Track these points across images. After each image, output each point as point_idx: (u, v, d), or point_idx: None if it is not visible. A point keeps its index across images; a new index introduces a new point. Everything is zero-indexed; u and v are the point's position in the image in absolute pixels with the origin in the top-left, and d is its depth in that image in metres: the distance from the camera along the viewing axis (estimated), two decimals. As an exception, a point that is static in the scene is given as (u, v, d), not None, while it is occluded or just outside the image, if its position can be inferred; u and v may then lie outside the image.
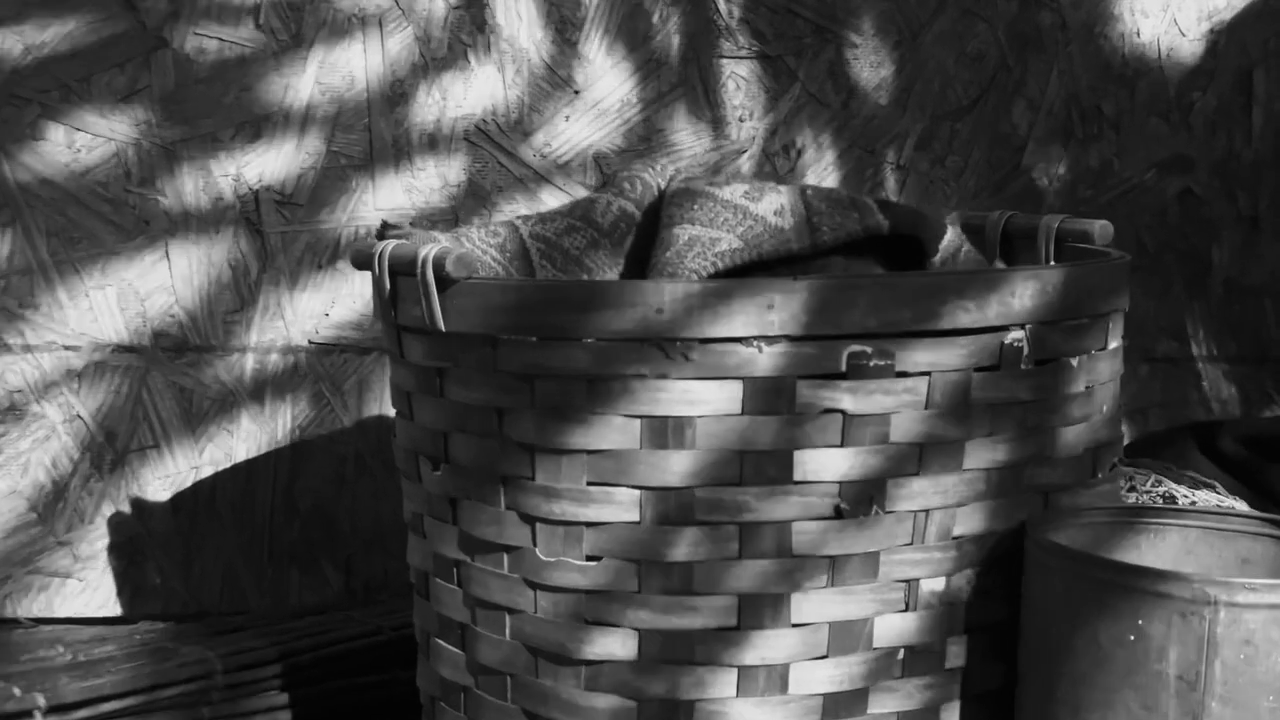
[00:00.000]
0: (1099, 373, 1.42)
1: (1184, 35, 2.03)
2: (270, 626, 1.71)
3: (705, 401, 1.28)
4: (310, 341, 1.88)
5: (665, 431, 1.29)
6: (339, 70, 1.85)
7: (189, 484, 1.87)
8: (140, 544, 1.87)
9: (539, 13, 1.88)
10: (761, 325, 1.27)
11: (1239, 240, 2.08)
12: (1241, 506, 1.72)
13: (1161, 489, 1.66)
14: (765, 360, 1.28)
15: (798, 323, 1.28)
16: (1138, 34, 2.02)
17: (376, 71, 1.86)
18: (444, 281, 1.34)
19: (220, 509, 1.89)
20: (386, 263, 1.39)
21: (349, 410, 1.90)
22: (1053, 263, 1.57)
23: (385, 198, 1.87)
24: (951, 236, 1.48)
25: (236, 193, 1.84)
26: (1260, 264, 2.08)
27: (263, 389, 1.88)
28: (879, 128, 1.99)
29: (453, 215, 1.90)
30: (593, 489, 1.31)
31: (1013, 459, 1.36)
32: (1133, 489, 1.68)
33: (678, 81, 1.92)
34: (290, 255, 1.86)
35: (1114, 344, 1.44)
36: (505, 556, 1.36)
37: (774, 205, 1.47)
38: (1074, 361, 1.38)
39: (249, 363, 1.87)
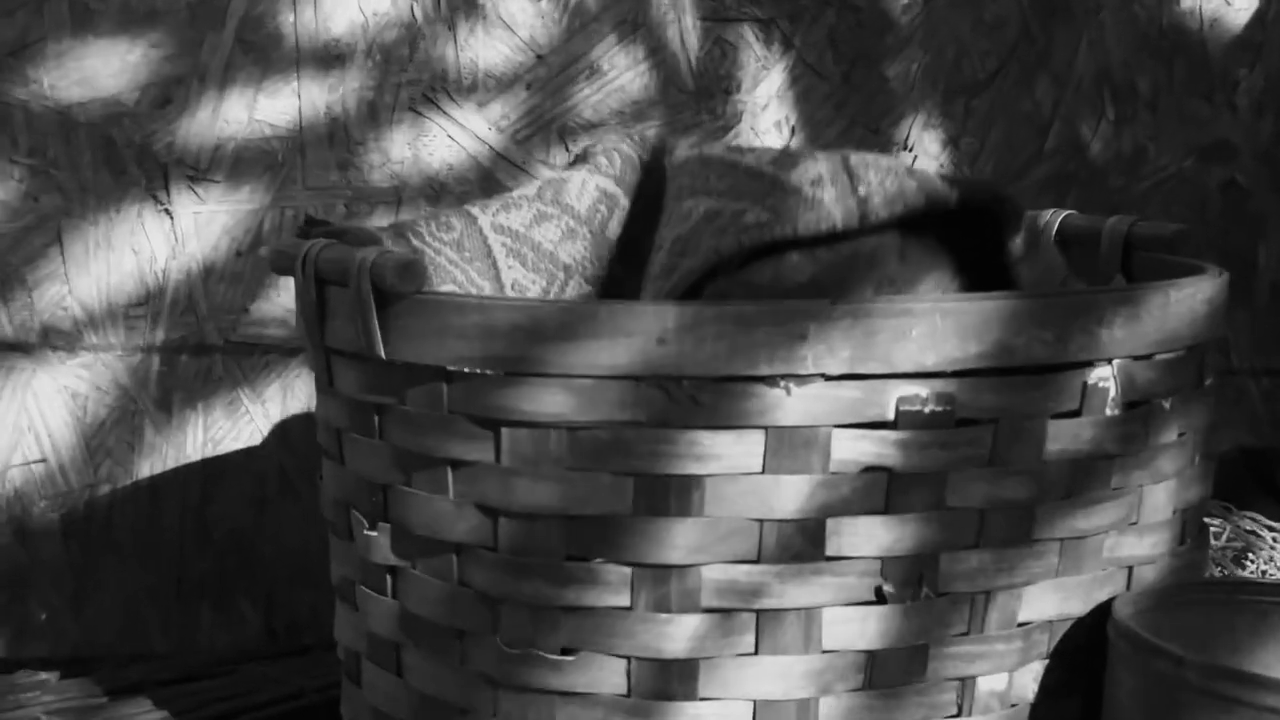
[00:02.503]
0: (1193, 416, 1.16)
1: (1229, 4, 1.86)
2: (172, 687, 1.43)
3: (717, 456, 1.03)
4: (227, 340, 1.69)
5: (666, 494, 1.04)
6: (264, 26, 1.67)
7: (83, 506, 1.68)
8: (25, 575, 1.69)
9: (497, -37, 1.71)
10: (791, 361, 1.02)
11: (1287, 238, 1.92)
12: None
13: (1236, 544, 1.38)
14: (794, 405, 1.03)
15: (836, 358, 1.03)
16: (1177, 1, 1.84)
17: (308, 28, 1.68)
18: (386, 296, 1.06)
19: (119, 536, 1.70)
20: (313, 269, 1.11)
21: (271, 420, 1.70)
22: (1120, 275, 1.31)
23: (316, 175, 1.69)
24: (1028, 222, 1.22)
25: (142, 166, 1.67)
26: (1311, 265, 1.93)
27: (170, 395, 1.69)
28: (884, 104, 1.81)
29: (395, 197, 1.70)
30: (571, 565, 1.05)
31: (1093, 526, 1.11)
32: (1202, 542, 1.40)
33: (656, 47, 1.74)
34: (204, 240, 1.68)
35: (1209, 380, 1.19)
36: (458, 644, 1.09)
37: (810, 174, 1.22)
38: (1166, 404, 1.13)
39: (154, 364, 1.68)
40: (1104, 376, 1.09)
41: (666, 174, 1.31)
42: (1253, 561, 1.41)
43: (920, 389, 1.04)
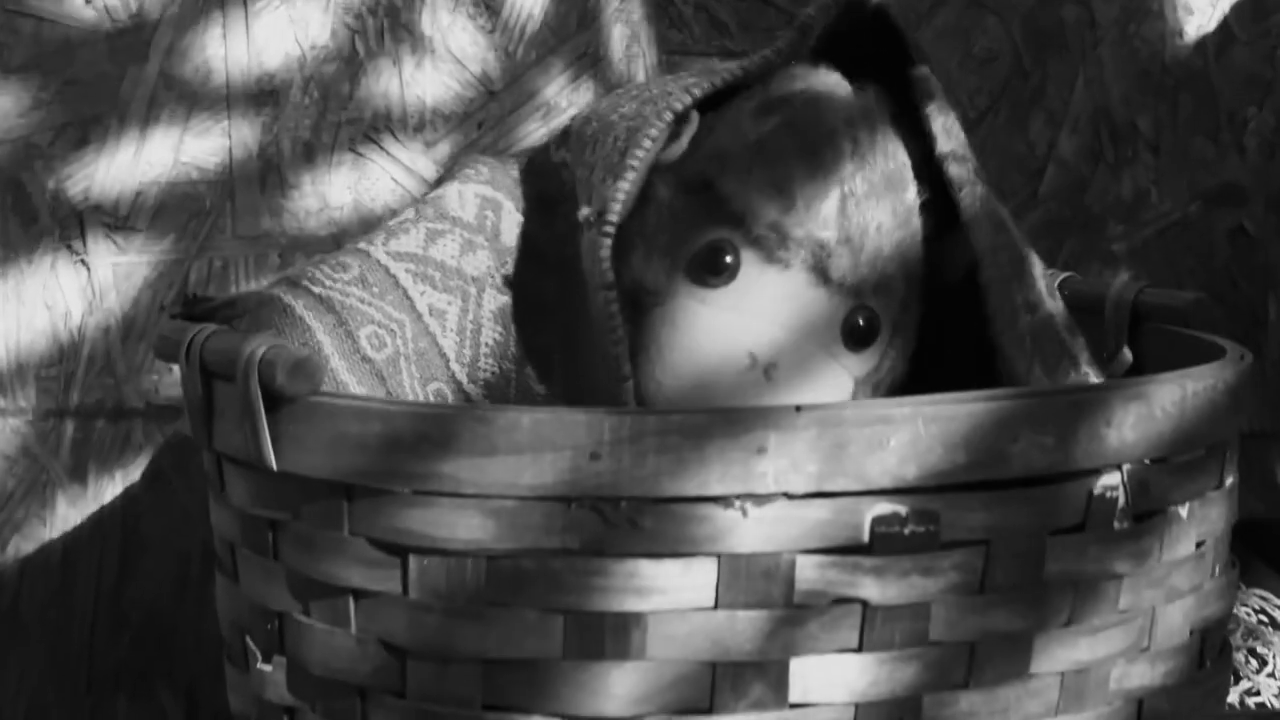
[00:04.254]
0: (1213, 522, 1.03)
1: (1237, 38, 1.80)
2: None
3: (662, 590, 0.89)
4: (148, 404, 1.59)
5: (601, 634, 0.90)
6: (191, 60, 1.58)
7: (-13, 586, 1.58)
8: (-76, 661, 1.57)
9: (446, -8, 1.62)
10: (747, 478, 0.88)
11: (1299, 289, 1.85)
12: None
13: (1249, 643, 1.23)
14: (752, 528, 0.89)
15: (801, 473, 0.88)
16: (1181, 35, 1.79)
17: (239, 63, 1.58)
18: (277, 398, 0.92)
19: (26, 619, 1.59)
20: (199, 360, 0.97)
21: (196, 492, 1.57)
22: (1127, 349, 1.19)
23: (248, 222, 1.59)
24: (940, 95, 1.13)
25: (56, 213, 1.57)
26: (1325, 319, 1.85)
27: (85, 464, 1.58)
28: (865, 144, 1.69)
29: (333, 245, 1.59)
30: (491, 716, 0.91)
31: (1098, 656, 0.97)
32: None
33: (619, 81, 1.64)
34: (124, 293, 1.58)
35: (1230, 479, 1.05)
36: (364, 804, 0.94)
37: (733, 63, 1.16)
38: (1183, 511, 0.99)
39: (68, 430, 1.58)
40: (1112, 485, 0.95)
41: (561, 162, 1.23)
42: (1268, 649, 1.27)
43: (899, 507, 0.90)
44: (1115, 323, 1.18)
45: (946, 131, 1.12)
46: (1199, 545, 1.00)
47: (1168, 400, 0.95)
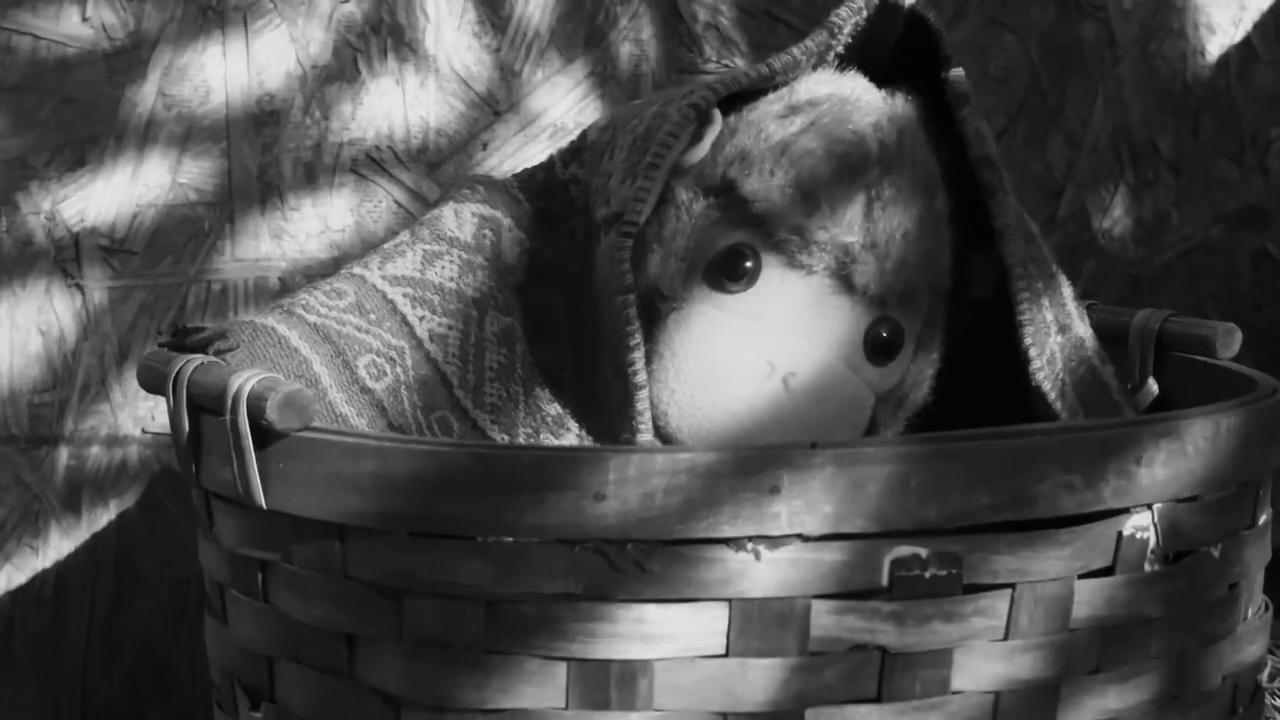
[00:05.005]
0: (1246, 562, 0.99)
1: (1260, 56, 1.78)
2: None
3: (670, 636, 0.87)
4: (144, 430, 1.57)
5: (606, 683, 0.87)
6: (190, 79, 1.56)
7: (-22, 617, 1.57)
8: (-87, 694, 1.55)
9: (451, 11, 1.60)
10: (760, 519, 0.85)
11: (1325, 314, 1.83)
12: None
13: (1276, 684, 1.19)
14: (765, 572, 0.86)
15: (816, 514, 0.86)
16: (1202, 53, 1.76)
17: (239, 82, 1.57)
18: (266, 434, 0.89)
19: (18, 651, 1.57)
20: (184, 393, 0.95)
21: (192, 521, 1.51)
22: (1153, 380, 1.15)
23: (247, 245, 1.57)
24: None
25: (51, 235, 1.55)
26: (1351, 344, 1.83)
27: (79, 493, 1.57)
28: (880, 165, 1.67)
29: (334, 269, 1.60)
30: None
31: (1128, 704, 0.95)
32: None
33: (627, 100, 1.62)
34: (120, 318, 1.56)
35: (1263, 517, 1.02)
36: None
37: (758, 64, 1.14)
38: (1215, 551, 0.96)
39: (62, 458, 1.57)
40: (1142, 526, 0.91)
41: (570, 179, 1.20)
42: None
43: (919, 549, 0.87)
44: (1140, 353, 1.16)
45: (980, 136, 1.08)
46: (1231, 587, 0.97)
47: (1200, 436, 0.92)
